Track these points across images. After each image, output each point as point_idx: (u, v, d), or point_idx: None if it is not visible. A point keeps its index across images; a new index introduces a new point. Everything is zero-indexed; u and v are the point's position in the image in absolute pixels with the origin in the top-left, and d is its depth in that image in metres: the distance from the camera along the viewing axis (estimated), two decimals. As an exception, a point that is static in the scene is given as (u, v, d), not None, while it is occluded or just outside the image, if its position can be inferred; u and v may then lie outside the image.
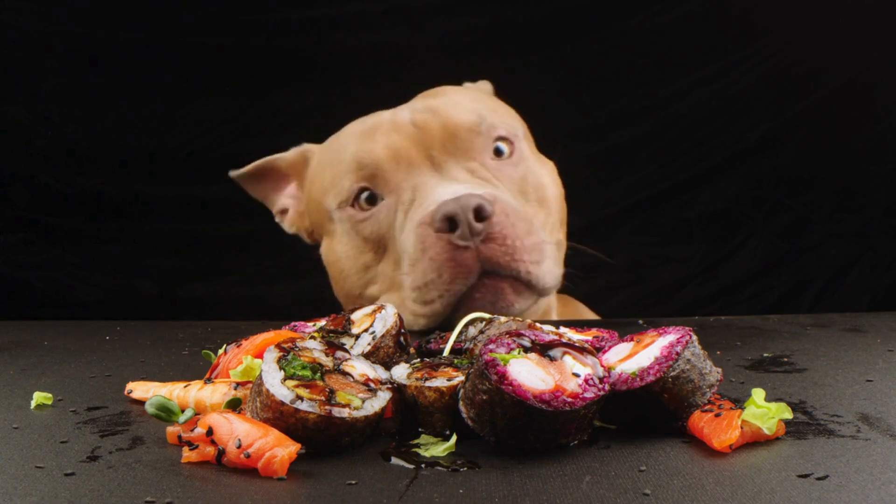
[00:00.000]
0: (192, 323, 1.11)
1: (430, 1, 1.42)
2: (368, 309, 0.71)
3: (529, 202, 0.98)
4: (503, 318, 0.67)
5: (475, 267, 0.88)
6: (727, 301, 1.52)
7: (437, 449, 0.52)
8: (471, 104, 1.00)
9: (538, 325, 0.65)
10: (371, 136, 0.99)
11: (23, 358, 0.84)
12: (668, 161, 1.19)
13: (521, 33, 1.46)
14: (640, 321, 1.03)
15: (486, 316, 0.70)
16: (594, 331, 0.74)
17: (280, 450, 0.47)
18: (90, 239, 1.49)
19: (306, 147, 1.14)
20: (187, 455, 0.50)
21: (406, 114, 1.00)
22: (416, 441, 0.54)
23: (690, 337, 0.57)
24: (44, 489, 0.45)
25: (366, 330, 0.68)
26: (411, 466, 0.49)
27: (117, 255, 1.50)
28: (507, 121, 1.01)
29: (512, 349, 0.54)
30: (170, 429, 0.54)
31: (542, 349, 0.55)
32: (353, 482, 0.46)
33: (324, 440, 0.51)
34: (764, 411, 0.53)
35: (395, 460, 0.50)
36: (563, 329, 0.73)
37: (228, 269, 1.54)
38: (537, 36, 1.42)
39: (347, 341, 0.67)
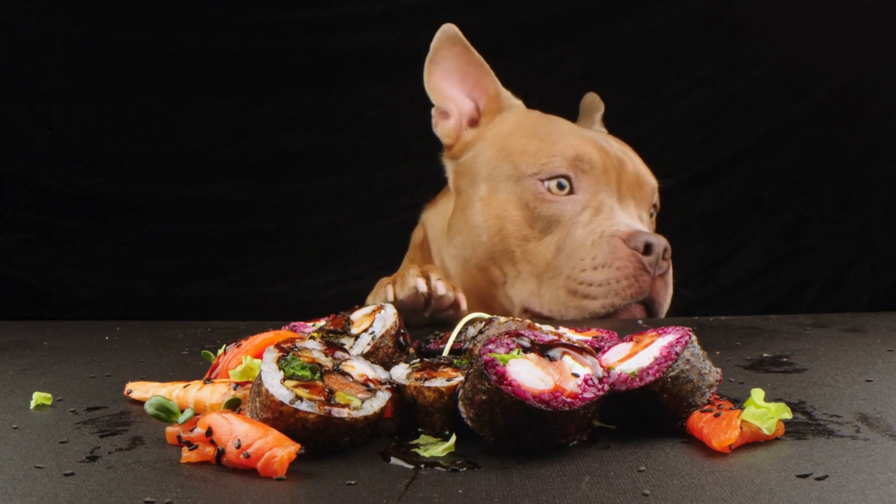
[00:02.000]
0: (192, 323, 1.11)
1: (430, 1, 1.42)
2: (368, 309, 0.71)
3: None
4: (502, 319, 0.67)
5: (647, 290, 1.05)
6: (727, 301, 1.53)
7: (436, 449, 0.52)
8: (648, 169, 1.18)
9: (537, 325, 0.65)
10: (584, 139, 1.12)
11: (22, 358, 0.83)
12: (668, 161, 1.20)
13: (521, 34, 1.46)
14: (640, 321, 1.03)
15: (486, 316, 0.70)
16: (593, 331, 0.74)
17: (279, 450, 0.47)
18: (90, 239, 1.50)
19: (516, 102, 1.17)
20: (187, 455, 0.50)
21: (608, 142, 1.15)
22: (415, 441, 0.54)
23: (690, 337, 0.57)
24: (43, 489, 0.45)
25: (365, 330, 0.67)
26: (411, 467, 0.49)
27: (117, 255, 1.50)
28: (657, 196, 1.19)
29: (511, 349, 0.54)
30: (169, 429, 0.54)
31: (542, 349, 0.55)
32: (353, 482, 0.46)
33: (323, 440, 0.51)
34: (763, 411, 0.53)
35: (394, 460, 0.50)
36: (562, 329, 0.73)
37: (228, 269, 1.54)
38: (537, 36, 1.42)
39: (347, 341, 0.67)
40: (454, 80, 1.15)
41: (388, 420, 0.57)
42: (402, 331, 0.67)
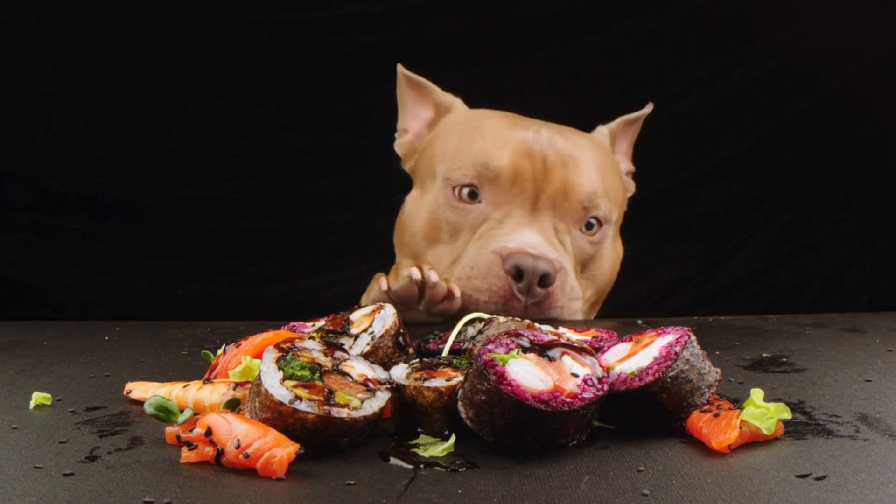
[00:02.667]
0: (192, 323, 1.10)
1: (430, 1, 1.42)
2: (367, 309, 0.71)
3: (581, 276, 1.07)
4: (502, 319, 0.67)
5: (517, 314, 0.98)
6: (727, 301, 1.52)
7: (435, 449, 0.52)
8: (595, 176, 1.07)
9: (537, 325, 0.65)
10: (506, 143, 1.06)
11: (22, 358, 0.83)
12: (667, 161, 1.20)
13: (521, 34, 1.46)
14: (640, 321, 1.03)
15: (485, 316, 0.70)
16: (593, 331, 0.74)
17: (279, 450, 0.47)
18: (90, 239, 1.49)
19: (457, 102, 1.18)
20: (186, 455, 0.50)
21: (543, 144, 1.07)
22: (414, 441, 0.54)
23: (689, 337, 0.57)
24: (42, 489, 0.45)
25: (365, 330, 0.67)
26: (410, 467, 0.49)
27: (117, 255, 1.50)
28: (610, 206, 1.09)
29: (511, 349, 0.54)
30: (168, 429, 0.54)
31: (541, 349, 0.55)
32: (352, 482, 0.46)
33: (322, 440, 0.51)
34: (763, 411, 0.53)
35: (393, 460, 0.50)
36: (561, 329, 0.73)
37: (228, 270, 1.54)
38: (537, 36, 1.42)
39: (346, 341, 0.67)
40: (409, 107, 1.20)
41: (387, 420, 0.57)
42: (401, 331, 0.67)
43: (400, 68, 1.18)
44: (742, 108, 1.51)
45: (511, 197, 1.04)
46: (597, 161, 1.10)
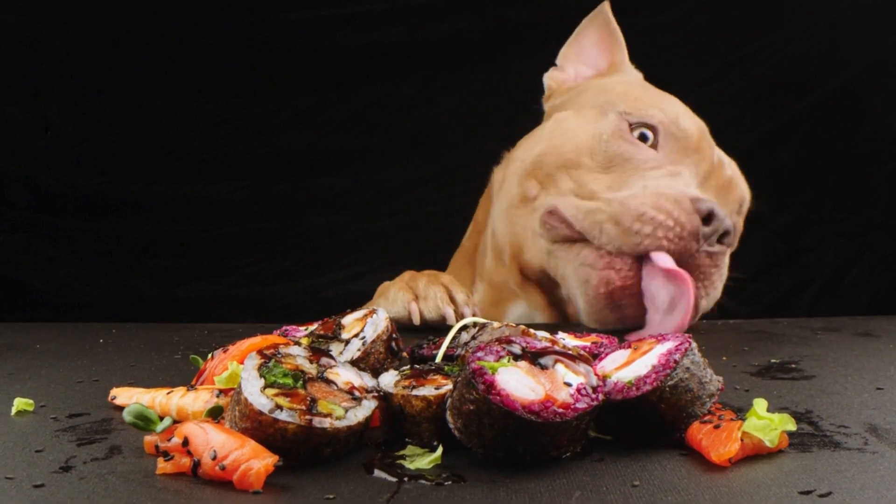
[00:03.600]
0: (189, 325, 1.09)
1: (430, 1, 1.40)
2: (359, 313, 0.69)
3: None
4: (496, 324, 0.65)
5: (687, 256, 0.94)
6: (727, 301, 1.51)
7: (422, 461, 0.50)
8: (746, 192, 1.09)
9: (531, 331, 0.63)
10: (695, 122, 1.05)
11: (11, 362, 0.82)
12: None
13: (521, 34, 1.44)
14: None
15: (480, 321, 0.67)
16: (593, 336, 0.72)
17: (256, 462, 0.45)
18: (90, 239, 1.49)
19: (630, 68, 1.15)
20: (162, 466, 0.48)
21: (714, 147, 1.07)
22: (401, 452, 0.52)
23: (690, 344, 0.55)
24: (9, 502, 0.44)
25: (356, 335, 0.66)
26: (394, 480, 0.47)
27: (117, 255, 1.49)
28: (737, 222, 1.08)
29: (501, 357, 0.52)
30: (147, 438, 0.52)
31: (533, 357, 0.52)
32: (332, 496, 0.44)
33: (304, 451, 0.49)
34: (766, 423, 0.51)
35: (377, 473, 0.48)
36: (560, 334, 0.71)
37: (228, 270, 1.53)
38: (537, 36, 1.40)
39: (337, 347, 0.65)
40: (584, 47, 1.15)
41: (375, 429, 0.55)
42: (394, 336, 0.65)
43: (606, 7, 1.13)
44: (742, 108, 1.49)
45: (688, 162, 1.01)
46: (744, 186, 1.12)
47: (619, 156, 1.00)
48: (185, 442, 0.48)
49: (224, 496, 0.44)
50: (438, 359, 0.64)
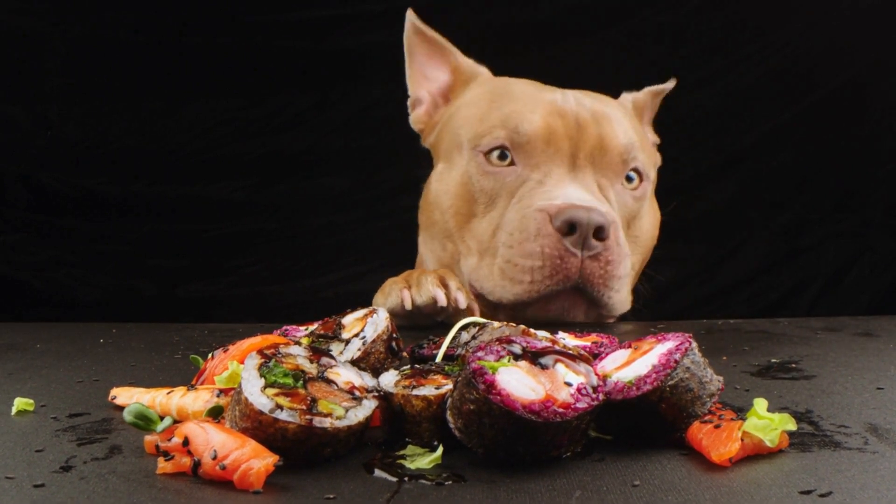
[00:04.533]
0: (189, 325, 1.09)
1: (430, 1, 1.40)
2: (360, 313, 0.69)
3: (629, 236, 1.04)
4: (496, 324, 0.65)
5: (574, 276, 0.93)
6: (726, 301, 1.51)
7: (423, 461, 0.50)
8: (630, 129, 1.05)
9: (532, 331, 0.63)
10: (536, 105, 1.03)
11: (11, 362, 0.82)
12: (668, 161, 1.18)
13: (521, 34, 1.44)
14: (660, 326, 1.00)
15: (481, 320, 0.67)
16: (593, 336, 0.72)
17: (256, 461, 0.45)
18: (90, 239, 1.49)
19: (482, 70, 1.14)
20: (162, 466, 0.48)
21: (573, 105, 1.04)
22: (401, 452, 0.52)
23: (690, 344, 0.55)
24: (9, 502, 0.44)
25: (356, 335, 0.66)
26: (394, 479, 0.47)
27: (117, 255, 1.49)
28: (647, 159, 1.07)
29: (501, 357, 0.52)
30: (148, 438, 0.52)
31: (533, 357, 0.52)
32: (332, 496, 0.44)
33: (304, 451, 0.49)
34: (766, 423, 0.51)
35: (378, 473, 0.48)
36: (561, 334, 0.71)
37: (228, 270, 1.53)
38: (537, 36, 1.40)
39: (337, 346, 0.65)
40: (421, 65, 1.14)
41: (376, 429, 0.55)
42: (394, 336, 0.65)
43: (410, 15, 1.11)
44: (742, 108, 1.50)
45: (547, 157, 1.00)
46: (627, 118, 1.09)
47: (490, 190, 1.01)
48: (186, 442, 0.48)
49: (224, 496, 0.44)
50: (438, 359, 0.64)
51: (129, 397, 0.63)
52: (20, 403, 0.62)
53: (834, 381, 0.70)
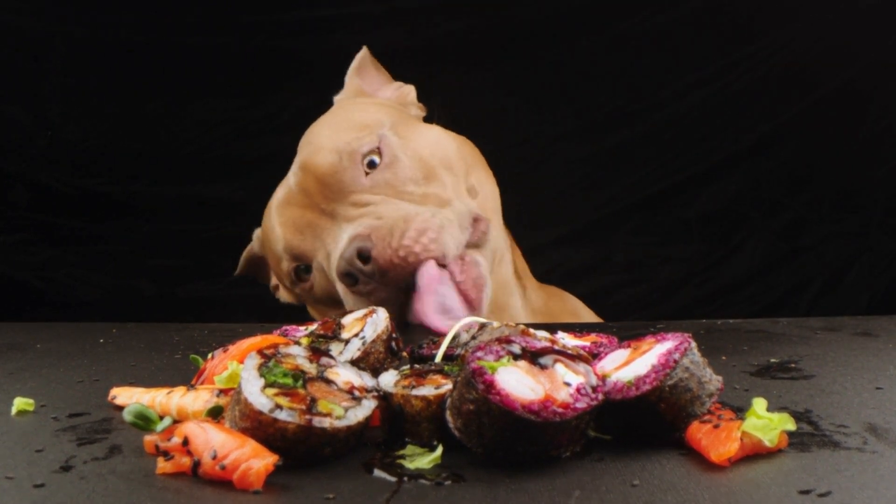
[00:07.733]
0: (190, 325, 1.09)
1: (431, 1, 1.40)
2: (360, 313, 0.69)
3: (419, 183, 0.95)
4: (496, 324, 0.65)
5: (392, 292, 0.88)
6: (726, 301, 1.51)
7: (422, 460, 0.50)
8: (329, 143, 0.98)
9: (531, 331, 0.63)
10: (280, 212, 1.01)
11: (11, 362, 0.82)
12: (667, 161, 1.18)
13: (521, 32, 1.44)
14: (660, 326, 1.00)
15: (481, 320, 0.68)
16: (593, 336, 0.72)
17: (256, 461, 0.45)
18: (90, 239, 1.49)
19: (257, 231, 1.16)
20: (162, 466, 0.48)
21: (292, 178, 1.01)
22: (401, 452, 0.52)
23: (689, 344, 0.55)
24: (9, 502, 0.44)
25: (356, 335, 0.66)
26: (394, 479, 0.47)
27: (117, 255, 1.49)
28: (368, 136, 0.97)
29: (501, 356, 0.52)
30: (147, 438, 0.52)
31: (533, 356, 0.53)
32: (331, 496, 0.44)
33: (304, 451, 0.49)
34: (765, 422, 0.51)
35: (377, 472, 0.48)
36: (560, 334, 0.71)
37: (228, 270, 1.53)
38: (537, 36, 1.40)
39: (337, 347, 0.65)
40: (263, 270, 1.21)
41: (375, 429, 0.55)
42: (394, 335, 0.65)
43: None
44: (742, 108, 1.50)
45: (311, 237, 0.96)
46: (329, 129, 1.01)
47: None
48: (186, 441, 0.48)
49: (224, 496, 0.44)
50: (438, 358, 0.64)
51: (129, 397, 0.63)
52: (20, 403, 0.63)
53: (833, 380, 0.70)
